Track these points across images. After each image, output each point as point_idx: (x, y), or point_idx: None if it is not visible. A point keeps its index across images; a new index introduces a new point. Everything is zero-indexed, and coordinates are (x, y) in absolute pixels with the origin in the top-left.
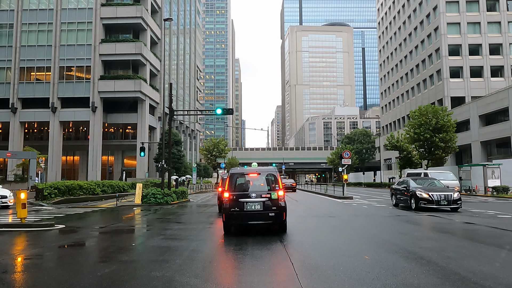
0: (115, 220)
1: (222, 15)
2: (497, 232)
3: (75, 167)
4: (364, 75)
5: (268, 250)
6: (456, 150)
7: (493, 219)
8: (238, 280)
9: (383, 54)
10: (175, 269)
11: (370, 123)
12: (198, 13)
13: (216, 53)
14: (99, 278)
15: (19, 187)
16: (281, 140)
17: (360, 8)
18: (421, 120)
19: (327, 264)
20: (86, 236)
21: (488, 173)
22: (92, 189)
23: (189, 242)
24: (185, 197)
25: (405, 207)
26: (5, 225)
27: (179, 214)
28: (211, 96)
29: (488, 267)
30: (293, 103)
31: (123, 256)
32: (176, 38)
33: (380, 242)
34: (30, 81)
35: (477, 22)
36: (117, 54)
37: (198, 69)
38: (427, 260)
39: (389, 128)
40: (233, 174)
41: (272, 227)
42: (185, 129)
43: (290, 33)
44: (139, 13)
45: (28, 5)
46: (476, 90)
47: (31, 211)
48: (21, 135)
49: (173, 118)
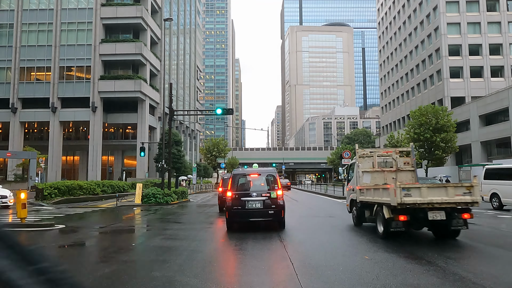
0: (115, 220)
1: (222, 15)
2: (497, 232)
3: (75, 167)
4: (364, 75)
5: (268, 250)
6: (456, 150)
7: (493, 219)
8: (238, 280)
9: (383, 54)
10: (175, 269)
11: (370, 123)
12: (198, 13)
13: (216, 53)
14: (99, 278)
15: (19, 187)
16: (281, 140)
17: (360, 8)
18: (421, 120)
19: (327, 264)
20: (86, 236)
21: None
22: (92, 189)
23: (189, 242)
24: (185, 197)
25: None
26: (5, 225)
27: (179, 214)
28: (211, 96)
29: (488, 267)
30: (293, 103)
31: (123, 256)
32: (176, 38)
33: (380, 242)
34: (30, 81)
35: (477, 22)
36: (117, 54)
37: (198, 69)
38: (427, 260)
39: (389, 128)
40: (236, 174)
41: (272, 225)
42: (185, 129)
43: (290, 33)
44: (139, 13)
45: (28, 5)
46: (476, 90)
47: (31, 211)
48: (21, 135)
49: (173, 118)
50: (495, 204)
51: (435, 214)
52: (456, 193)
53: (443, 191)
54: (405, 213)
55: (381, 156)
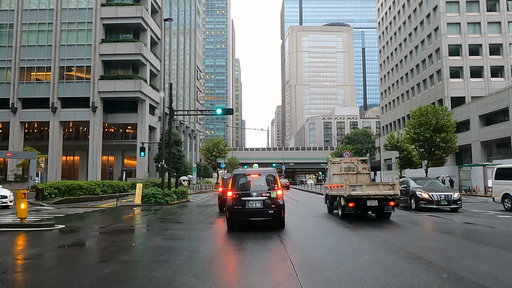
0: (115, 220)
1: (222, 15)
2: (497, 233)
3: (75, 167)
4: (364, 75)
5: (268, 250)
6: (456, 150)
7: (493, 219)
8: (238, 280)
9: (383, 54)
10: (175, 269)
11: (370, 123)
12: (198, 13)
13: (216, 53)
14: (99, 278)
15: (19, 187)
16: (281, 140)
17: (360, 8)
18: (421, 120)
19: (327, 264)
20: (86, 236)
21: (488, 173)
22: (92, 189)
23: (189, 242)
24: (185, 197)
25: (405, 207)
26: (5, 225)
27: (179, 214)
28: (211, 96)
29: (488, 267)
30: (293, 103)
31: (123, 256)
32: (176, 38)
33: (380, 242)
34: (30, 81)
35: (477, 22)
36: (117, 54)
37: (198, 69)
38: (427, 260)
39: (389, 128)
40: (236, 174)
41: (272, 225)
42: (185, 129)
43: (290, 33)
44: (139, 13)
45: (28, 5)
46: (476, 90)
47: (31, 211)
48: (21, 135)
49: (173, 118)
50: (507, 205)
51: (371, 202)
52: (384, 189)
53: (376, 187)
54: (353, 201)
55: (346, 163)
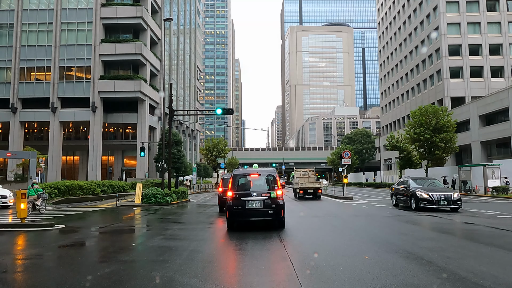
0: (115, 220)
1: (222, 15)
2: (497, 232)
3: (75, 167)
4: (364, 75)
5: (268, 250)
6: (456, 150)
7: (493, 219)
8: (238, 280)
9: (383, 54)
10: (175, 269)
11: (370, 123)
12: (198, 13)
13: (216, 53)
14: (99, 278)
15: (19, 187)
16: (281, 140)
17: (360, 8)
18: (421, 120)
19: (327, 264)
20: (86, 236)
21: (488, 173)
22: (92, 189)
23: (189, 242)
24: (185, 197)
25: (405, 207)
26: (5, 225)
27: (179, 214)
28: (211, 96)
29: (488, 267)
30: (293, 103)
31: (123, 256)
32: (176, 38)
33: (380, 242)
34: (30, 81)
35: (477, 22)
36: (117, 54)
37: (198, 69)
38: (427, 260)
39: (389, 128)
40: (236, 174)
41: (272, 225)
42: (185, 129)
43: (290, 33)
44: (139, 13)
45: (28, 5)
46: (476, 90)
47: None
48: (21, 135)
49: (173, 118)
50: None
51: (309, 190)
52: (315, 184)
53: (312, 184)
54: (301, 190)
55: (304, 172)
